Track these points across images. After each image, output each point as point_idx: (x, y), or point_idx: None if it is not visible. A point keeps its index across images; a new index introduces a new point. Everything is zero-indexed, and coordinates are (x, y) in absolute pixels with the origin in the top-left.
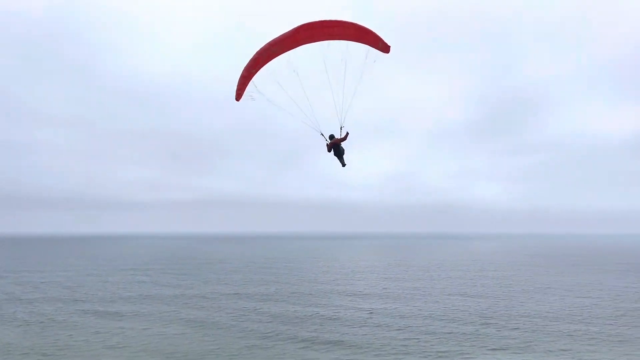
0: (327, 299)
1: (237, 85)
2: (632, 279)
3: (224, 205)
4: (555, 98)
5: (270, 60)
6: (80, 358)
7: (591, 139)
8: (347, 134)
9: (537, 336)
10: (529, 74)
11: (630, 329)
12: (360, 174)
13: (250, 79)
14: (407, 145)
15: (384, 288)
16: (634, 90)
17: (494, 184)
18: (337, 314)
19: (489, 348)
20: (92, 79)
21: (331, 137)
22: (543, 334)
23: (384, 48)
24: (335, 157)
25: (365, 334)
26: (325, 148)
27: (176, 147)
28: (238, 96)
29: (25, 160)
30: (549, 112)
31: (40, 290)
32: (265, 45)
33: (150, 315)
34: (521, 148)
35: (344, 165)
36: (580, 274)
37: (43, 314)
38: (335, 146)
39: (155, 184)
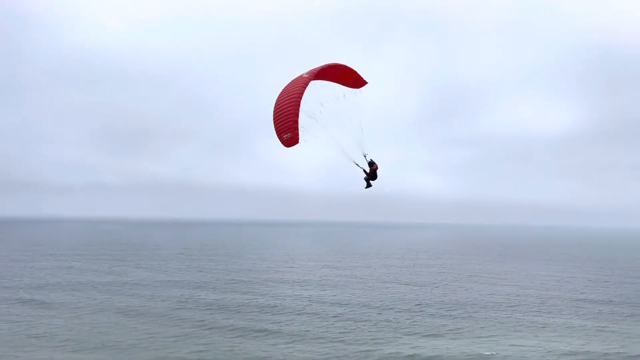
0: (265, 287)
1: (287, 130)
2: (554, 268)
3: (158, 190)
4: (493, 93)
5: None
6: (2, 348)
7: (526, 134)
8: (373, 162)
9: (468, 323)
10: (471, 69)
11: (554, 316)
12: (301, 163)
13: (297, 121)
14: (351, 134)
15: (322, 276)
16: (567, 89)
17: (432, 175)
18: (274, 302)
19: (423, 335)
20: (22, 52)
21: (370, 163)
22: (473, 320)
23: (361, 84)
24: (364, 178)
25: (303, 322)
26: (365, 175)
27: (109, 128)
28: (294, 141)
29: None
30: (487, 107)
31: None
32: (289, 88)
33: (79, 303)
34: (460, 141)
35: (368, 187)
36: (508, 262)
37: None
38: (372, 173)
39: (85, 166)
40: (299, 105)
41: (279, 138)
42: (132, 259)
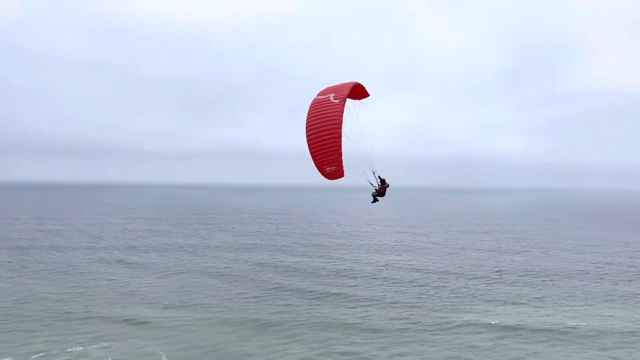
0: (341, 252)
1: (331, 163)
2: None
3: (239, 156)
4: (586, 47)
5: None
6: (98, 302)
7: (621, 92)
8: (385, 180)
9: (551, 291)
10: (562, 19)
11: None
12: (376, 125)
13: (341, 153)
14: (424, 95)
15: (398, 241)
16: None
17: (517, 136)
18: (350, 266)
19: (503, 303)
20: (110, 24)
21: (382, 181)
22: (557, 288)
23: (365, 95)
24: (373, 193)
25: (379, 287)
26: (374, 191)
27: (193, 97)
28: (339, 175)
29: (45, 108)
30: (579, 63)
31: (64, 237)
32: (327, 115)
33: (168, 264)
34: (547, 99)
35: (375, 202)
36: (597, 229)
37: (65, 260)
38: (383, 191)
39: (172, 134)
40: (341, 140)
41: (320, 169)
42: (214, 223)
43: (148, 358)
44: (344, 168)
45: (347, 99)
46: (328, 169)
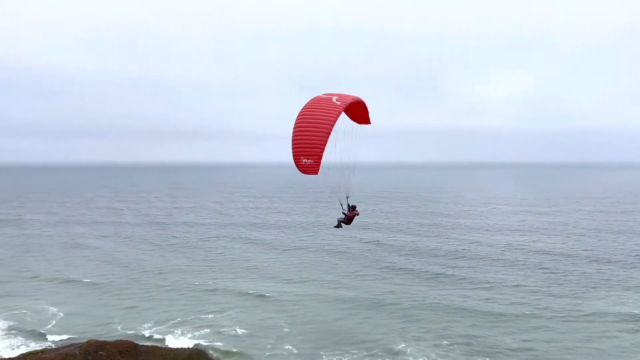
0: (459, 232)
1: (308, 157)
2: None
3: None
4: None
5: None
6: (225, 275)
7: None
8: (355, 207)
9: None
10: None
11: None
12: (494, 98)
13: (322, 154)
14: (549, 64)
15: (520, 221)
16: None
17: None
18: (468, 247)
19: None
20: (224, 14)
21: (353, 207)
22: None
23: (366, 122)
24: (339, 218)
25: (500, 269)
26: (341, 216)
27: (303, 80)
28: (313, 171)
29: (176, 97)
30: None
31: (194, 213)
32: (321, 113)
33: (286, 240)
34: None
35: (338, 227)
36: None
37: (196, 235)
38: (352, 218)
39: (287, 116)
40: (328, 137)
41: (296, 159)
42: (328, 201)
43: (271, 330)
44: (319, 169)
45: (348, 120)
46: (304, 160)
